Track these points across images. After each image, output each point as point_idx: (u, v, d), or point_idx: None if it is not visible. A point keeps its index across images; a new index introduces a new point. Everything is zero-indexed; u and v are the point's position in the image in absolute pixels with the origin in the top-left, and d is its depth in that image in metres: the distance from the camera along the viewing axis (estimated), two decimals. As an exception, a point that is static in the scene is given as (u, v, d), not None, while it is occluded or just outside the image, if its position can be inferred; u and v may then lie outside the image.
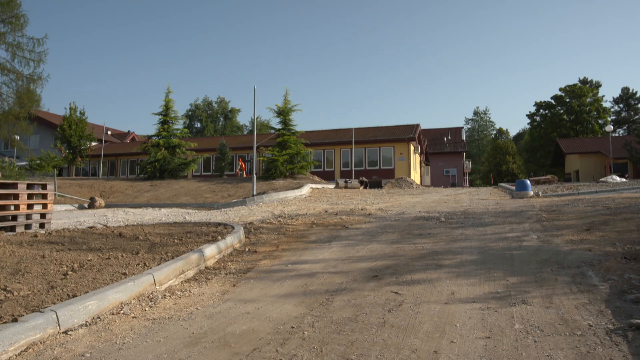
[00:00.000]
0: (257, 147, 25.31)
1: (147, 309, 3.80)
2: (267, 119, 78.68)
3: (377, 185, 26.53)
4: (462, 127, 61.46)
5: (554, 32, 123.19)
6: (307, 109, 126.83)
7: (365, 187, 25.23)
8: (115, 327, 3.36)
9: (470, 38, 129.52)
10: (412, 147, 34.48)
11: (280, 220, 9.44)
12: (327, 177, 31.71)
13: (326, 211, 11.33)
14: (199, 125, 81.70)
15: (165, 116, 28.97)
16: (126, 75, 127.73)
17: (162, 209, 16.24)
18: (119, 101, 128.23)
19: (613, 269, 4.40)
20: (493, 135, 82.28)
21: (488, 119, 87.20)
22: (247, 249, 6.48)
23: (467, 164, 55.67)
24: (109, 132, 49.81)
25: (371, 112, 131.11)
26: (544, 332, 3.01)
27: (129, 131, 55.50)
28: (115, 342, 3.06)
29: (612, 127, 40.67)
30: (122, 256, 5.36)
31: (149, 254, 5.50)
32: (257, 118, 67.24)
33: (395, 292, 4.07)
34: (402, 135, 33.58)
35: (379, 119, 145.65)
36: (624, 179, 23.37)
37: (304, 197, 18.33)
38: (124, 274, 4.45)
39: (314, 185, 22.11)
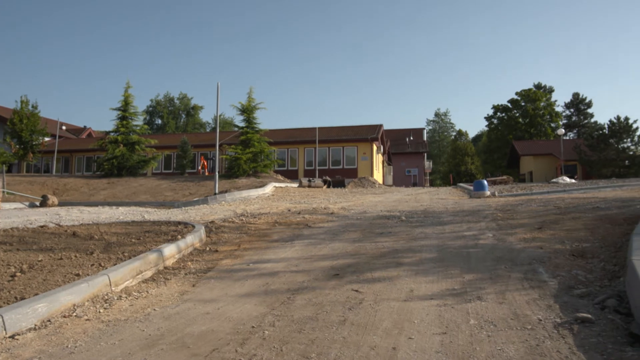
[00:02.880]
0: (220, 145, 24.90)
1: (101, 310, 3.68)
2: (230, 117, 77.69)
3: (340, 184, 26.72)
4: (424, 128, 62.88)
5: (513, 38, 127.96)
6: (271, 108, 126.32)
7: (328, 186, 25.37)
8: (67, 330, 3.23)
9: (433, 42, 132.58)
10: (375, 147, 34.93)
11: (242, 219, 9.35)
12: (291, 176, 31.64)
13: (289, 210, 11.31)
14: (159, 121, 79.61)
15: (125, 112, 28.06)
16: (83, 69, 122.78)
17: (120, 208, 15.74)
18: (75, 96, 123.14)
19: (562, 266, 4.62)
20: (453, 137, 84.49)
21: (448, 120, 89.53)
22: (208, 249, 6.38)
23: (428, 164, 56.91)
24: (64, 128, 47.72)
25: (335, 111, 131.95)
26: (497, 327, 3.12)
27: (85, 127, 53.36)
28: (67, 346, 2.94)
29: (563, 130, 42.69)
30: (75, 256, 5.16)
31: (104, 254, 5.32)
32: (220, 115, 66.16)
33: (356, 290, 4.11)
34: (366, 135, 33.97)
35: (342, 119, 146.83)
36: (573, 180, 24.56)
37: (267, 195, 18.22)
38: (77, 275, 4.28)
39: (277, 184, 22.02)
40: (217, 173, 18.86)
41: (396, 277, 4.51)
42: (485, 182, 16.16)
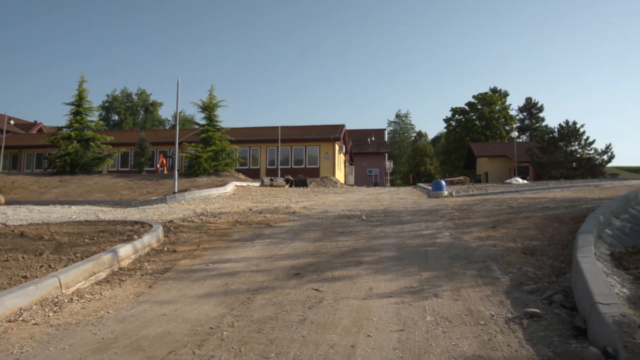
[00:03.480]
0: (180, 143, 24.34)
1: (50, 314, 3.52)
2: (191, 114, 75.90)
3: (302, 183, 26.74)
4: (385, 129, 63.83)
5: (472, 43, 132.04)
6: (233, 106, 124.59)
7: (290, 186, 25.33)
8: (13, 335, 3.07)
9: (394, 45, 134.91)
10: (337, 147, 35.16)
11: (202, 219, 9.18)
12: (253, 175, 31.34)
13: (250, 209, 11.22)
14: (116, 118, 76.88)
15: (79, 107, 26.94)
16: (33, 60, 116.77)
17: (73, 207, 15.10)
18: (25, 89, 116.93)
19: (513, 263, 4.81)
20: (413, 138, 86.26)
21: (409, 122, 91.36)
22: (165, 249, 6.23)
23: (388, 165, 57.88)
24: (12, 122, 45.27)
25: (298, 111, 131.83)
26: (452, 323, 3.22)
27: (35, 121, 50.81)
28: (12, 352, 2.80)
29: (516, 133, 44.51)
30: (23, 258, 4.91)
31: (55, 255, 5.09)
32: (180, 113, 64.64)
33: (316, 290, 4.13)
34: (328, 135, 34.13)
35: (305, 119, 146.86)
36: (525, 181, 25.64)
37: (228, 195, 17.98)
38: (25, 277, 4.08)
39: (238, 183, 21.77)
40: (176, 171, 18.43)
41: (356, 276, 4.56)
42: (444, 182, 16.59)
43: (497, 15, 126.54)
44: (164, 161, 31.30)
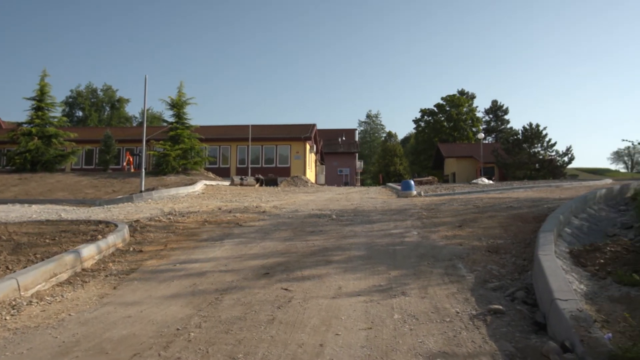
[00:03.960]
0: (148, 140, 23.75)
1: (7, 318, 3.38)
2: (159, 111, 74.18)
3: (273, 183, 26.61)
4: (356, 129, 64.39)
5: (441, 45, 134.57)
6: (203, 103, 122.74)
7: (261, 185, 25.16)
8: (-34, 340, 2.93)
9: (365, 46, 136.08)
10: (308, 147, 35.17)
11: (170, 218, 9.01)
12: (223, 174, 30.95)
13: (220, 209, 11.08)
14: (80, 114, 74.35)
15: (40, 102, 25.91)
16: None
17: (33, 206, 14.52)
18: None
19: (478, 261, 4.94)
20: (383, 138, 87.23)
21: (379, 122, 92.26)
22: (131, 249, 6.08)
23: (359, 164, 58.32)
24: (-33, 117, 43.13)
25: (269, 110, 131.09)
26: (419, 321, 3.28)
27: (-8, 117, 48.56)
28: (-35, 358, 2.68)
29: (483, 135, 45.66)
30: (-22, 259, 4.69)
31: (13, 256, 4.89)
32: (148, 110, 63.23)
33: (286, 289, 4.12)
34: (299, 134, 34.08)
35: (277, 118, 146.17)
36: (491, 182, 26.35)
37: (197, 194, 17.70)
38: (-20, 279, 3.90)
39: (208, 182, 21.46)
40: (143, 169, 17.99)
41: (325, 275, 4.58)
42: (412, 182, 16.84)
43: (466, 19, 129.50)
44: (131, 159, 30.51)
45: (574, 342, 2.58)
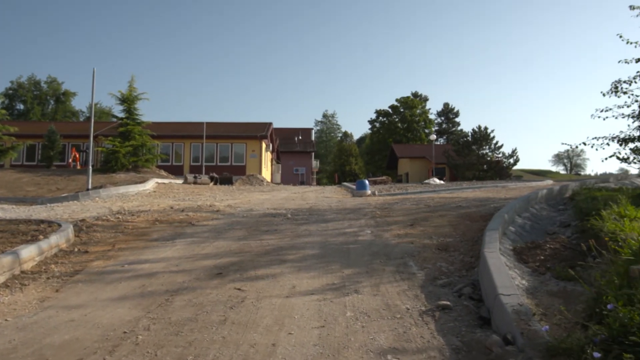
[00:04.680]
0: (96, 136, 22.73)
1: None
2: (108, 106, 71.17)
3: (227, 181, 26.20)
4: (312, 129, 64.60)
5: (396, 48, 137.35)
6: (155, 99, 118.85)
7: (215, 183, 24.71)
8: None
9: (324, 44, 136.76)
10: (264, 145, 34.92)
11: (118, 217, 8.68)
12: (176, 172, 30.15)
13: (172, 207, 10.79)
14: (22, 107, 69.99)
15: (-25, 93, 24.24)
16: None
17: (-33, 204, 13.56)
18: None
19: (429, 259, 5.09)
20: (339, 138, 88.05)
21: (336, 122, 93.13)
22: (76, 249, 5.81)
23: (315, 164, 58.57)
24: None
25: (224, 107, 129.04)
26: (371, 318, 3.34)
27: None
28: None
29: (435, 136, 47.09)
30: None
31: (-58, 258, 4.54)
32: (96, 104, 60.46)
33: (239, 289, 4.08)
34: (255, 132, 33.77)
35: (232, 116, 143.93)
36: (442, 182, 27.22)
37: (148, 192, 17.15)
38: None
39: (160, 180, 20.85)
40: (90, 167, 17.24)
41: (279, 274, 4.57)
42: (367, 181, 17.10)
43: (421, 23, 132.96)
44: (77, 155, 29.13)
45: (515, 335, 2.71)
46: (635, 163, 8.02)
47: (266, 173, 36.17)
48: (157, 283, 4.32)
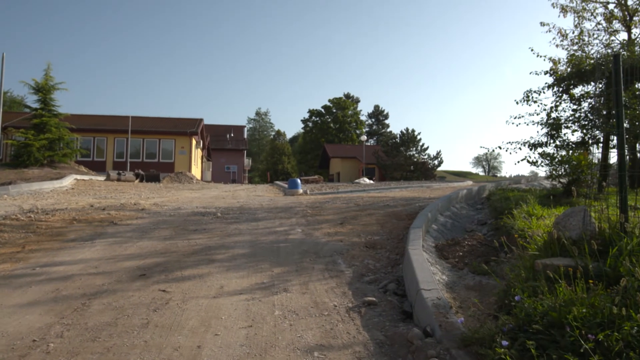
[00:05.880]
0: (4, 128, 20.78)
1: None
2: (21, 95, 65.38)
3: (154, 178, 25.11)
4: (245, 126, 63.60)
5: (329, 49, 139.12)
6: (76, 90, 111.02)
7: (141, 181, 23.58)
8: None
9: (257, 43, 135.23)
10: (194, 142, 33.86)
11: (30, 216, 8.00)
12: (98, 168, 28.37)
13: (92, 206, 10.14)
14: None
15: None
16: None
17: None
18: None
19: (357, 257, 5.22)
20: (272, 136, 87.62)
21: (269, 120, 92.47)
22: (-22, 252, 5.28)
23: (247, 162, 57.78)
24: None
25: (153, 102, 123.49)
26: (299, 316, 3.36)
27: None
28: None
29: (365, 137, 48.34)
30: None
31: None
32: (6, 92, 55.15)
33: (163, 290, 3.93)
34: (185, 128, 32.64)
35: (161, 111, 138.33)
36: (372, 181, 28.03)
37: (65, 189, 15.97)
38: None
39: (79, 177, 19.50)
40: (-3, 161, 15.73)
41: (207, 274, 4.46)
42: (299, 180, 17.20)
43: (353, 26, 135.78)
44: (-18, 148, 26.44)
45: (434, 328, 2.86)
46: (542, 166, 8.76)
47: (196, 171, 35.13)
48: (73, 286, 4.04)
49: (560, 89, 9.63)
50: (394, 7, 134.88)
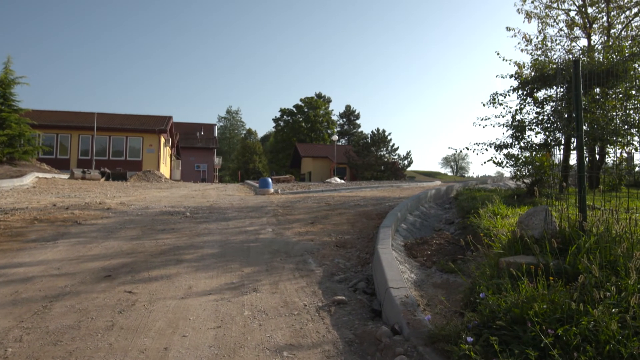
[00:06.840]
0: (-41, 123, 19.72)
1: None
2: (-23, 89, 62.49)
3: (121, 177, 24.47)
4: (215, 125, 62.78)
5: (301, 48, 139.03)
6: (37, 85, 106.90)
7: (107, 179, 22.94)
8: None
9: (228, 41, 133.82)
10: (163, 140, 33.20)
11: (-13, 216, 7.66)
12: (61, 165, 27.43)
13: (55, 205, 9.80)
14: None
15: None
16: None
17: None
18: None
19: (327, 256, 5.24)
20: (243, 135, 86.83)
21: (240, 119, 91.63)
22: None
23: (217, 161, 57.06)
24: None
25: (120, 100, 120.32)
26: (269, 316, 3.35)
27: None
28: None
29: (337, 137, 48.58)
30: None
31: None
32: (-39, 86, 52.60)
33: (130, 292, 3.84)
34: (153, 126, 31.95)
35: (128, 108, 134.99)
36: (343, 181, 28.18)
37: (26, 187, 15.36)
38: None
39: (41, 175, 18.80)
40: (-48, 158, 14.99)
41: (175, 275, 4.39)
42: (270, 180, 17.10)
43: (325, 27, 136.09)
44: None
45: (402, 325, 2.91)
46: (508, 167, 9.03)
47: (165, 169, 34.45)
48: (33, 289, 3.90)
49: (525, 92, 9.94)
50: (363, 7, 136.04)
